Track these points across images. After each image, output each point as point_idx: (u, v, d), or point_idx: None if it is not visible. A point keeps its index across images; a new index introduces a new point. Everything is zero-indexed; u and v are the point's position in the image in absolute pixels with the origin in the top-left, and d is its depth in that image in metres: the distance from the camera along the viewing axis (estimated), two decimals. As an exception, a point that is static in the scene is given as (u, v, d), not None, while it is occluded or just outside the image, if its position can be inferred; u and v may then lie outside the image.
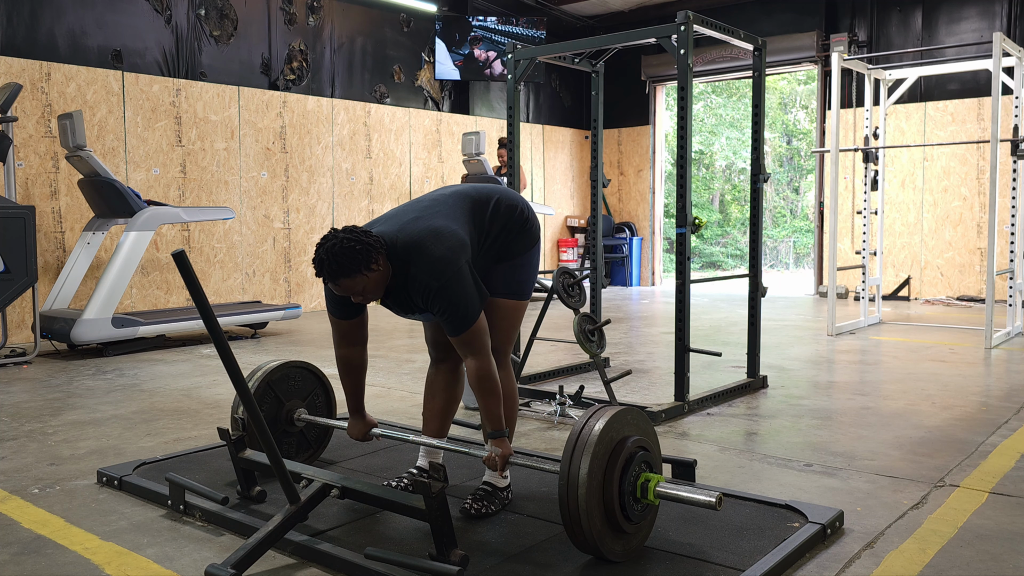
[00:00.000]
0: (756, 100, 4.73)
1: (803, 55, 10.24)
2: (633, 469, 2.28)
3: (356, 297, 2.46)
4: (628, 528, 2.28)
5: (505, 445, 2.55)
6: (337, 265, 2.37)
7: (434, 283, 2.43)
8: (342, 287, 2.42)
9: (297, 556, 2.40)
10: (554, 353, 6.01)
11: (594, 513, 2.20)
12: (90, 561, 2.39)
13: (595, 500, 2.20)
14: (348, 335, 2.71)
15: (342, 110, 9.10)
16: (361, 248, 2.38)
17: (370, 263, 2.40)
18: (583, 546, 2.25)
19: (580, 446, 2.22)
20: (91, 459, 3.40)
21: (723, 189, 22.72)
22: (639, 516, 2.32)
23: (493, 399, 2.52)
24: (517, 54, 4.85)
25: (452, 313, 2.46)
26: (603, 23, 11.87)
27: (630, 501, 2.27)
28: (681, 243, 4.24)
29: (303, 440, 3.20)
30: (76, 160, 6.09)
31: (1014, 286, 6.84)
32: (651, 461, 2.36)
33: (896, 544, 2.48)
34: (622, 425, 2.30)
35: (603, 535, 2.23)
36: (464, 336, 2.49)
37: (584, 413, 2.32)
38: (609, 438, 2.25)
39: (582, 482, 2.18)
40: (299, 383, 3.16)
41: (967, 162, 9.38)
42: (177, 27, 7.81)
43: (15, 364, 5.63)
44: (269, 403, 3.06)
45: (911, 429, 3.84)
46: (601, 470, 2.22)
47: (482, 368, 2.50)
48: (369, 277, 2.41)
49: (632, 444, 2.29)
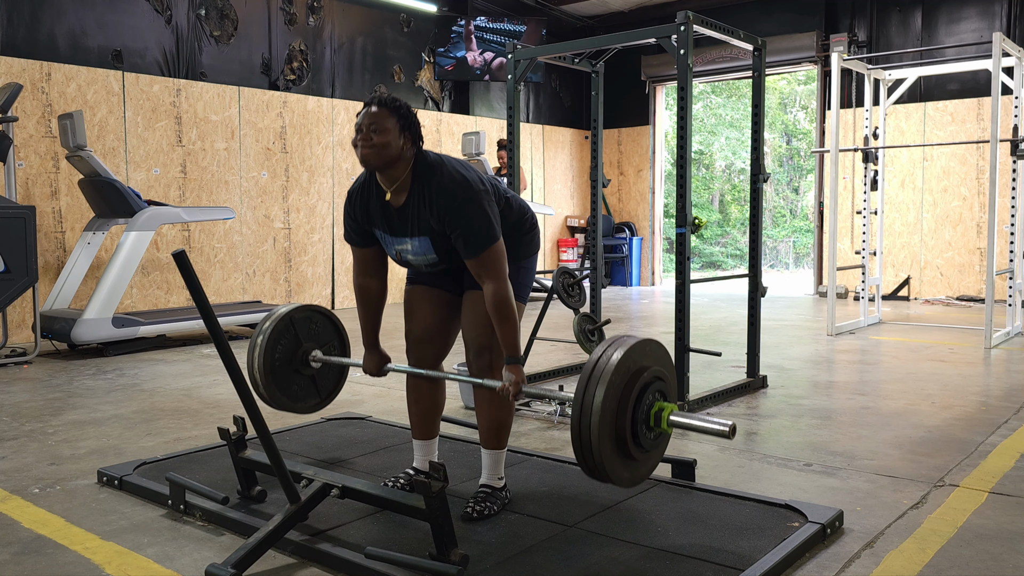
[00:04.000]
0: (756, 100, 4.73)
1: (803, 55, 10.24)
2: (647, 397, 2.26)
3: (367, 134, 2.47)
4: (638, 456, 2.27)
5: (519, 372, 2.51)
6: (391, 100, 2.52)
7: (458, 194, 2.47)
8: (375, 116, 2.48)
9: (297, 556, 2.40)
10: (554, 353, 6.01)
11: (605, 441, 2.18)
12: (90, 561, 2.39)
13: (608, 428, 2.19)
14: (367, 264, 2.76)
15: (342, 110, 9.10)
16: (414, 118, 2.54)
17: (407, 128, 2.50)
18: (592, 472, 2.24)
19: (596, 375, 2.20)
20: (91, 459, 3.40)
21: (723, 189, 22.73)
22: (651, 444, 2.31)
23: (509, 325, 2.51)
24: (517, 54, 4.85)
25: (472, 229, 2.46)
26: (603, 23, 11.87)
27: (643, 429, 2.26)
28: (681, 243, 4.24)
29: (312, 386, 3.16)
30: (76, 160, 6.09)
31: (1014, 286, 6.84)
32: (666, 391, 2.34)
33: (896, 544, 2.48)
34: (641, 356, 2.28)
35: (613, 462, 2.22)
36: (483, 256, 2.49)
37: (604, 342, 2.29)
38: (626, 368, 2.23)
39: (595, 410, 2.16)
40: (319, 329, 3.14)
41: (967, 162, 9.38)
42: (177, 27, 7.81)
43: (15, 364, 5.64)
44: (288, 340, 3.03)
45: (911, 429, 3.84)
46: (616, 399, 2.20)
47: (499, 292, 2.49)
48: (395, 134, 2.47)
49: (649, 374, 2.27)
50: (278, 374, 3.03)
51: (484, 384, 2.59)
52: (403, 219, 2.57)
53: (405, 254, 2.64)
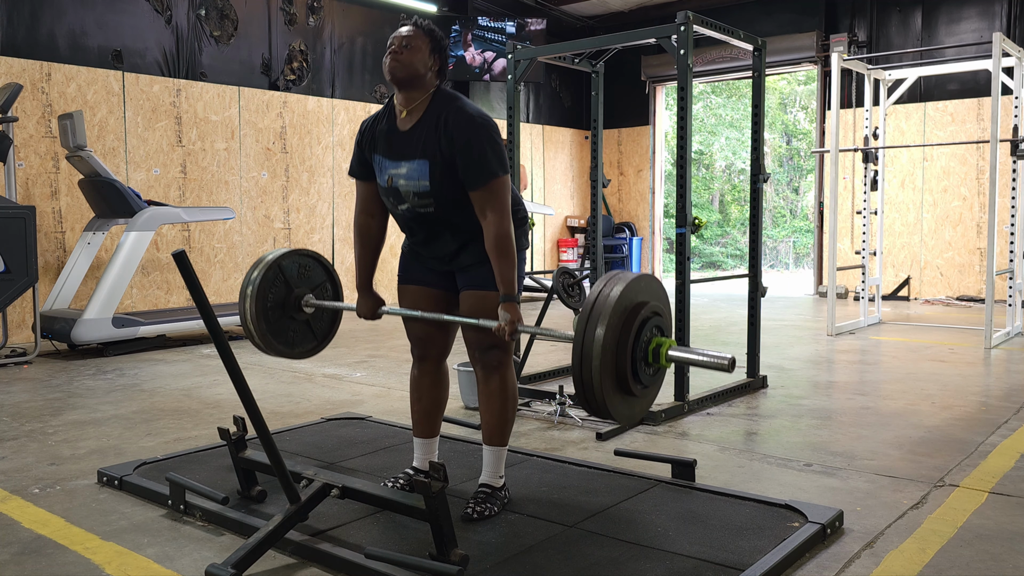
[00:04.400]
0: (756, 100, 4.73)
1: (803, 55, 10.24)
2: (646, 333, 2.26)
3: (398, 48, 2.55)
4: (637, 391, 2.28)
5: (515, 311, 2.50)
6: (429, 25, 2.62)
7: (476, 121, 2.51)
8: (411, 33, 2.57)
9: (297, 556, 2.40)
10: (554, 353, 6.01)
11: (607, 379, 2.19)
12: (90, 561, 2.39)
13: (608, 366, 2.19)
14: (368, 200, 2.77)
15: (342, 110, 9.10)
16: (446, 48, 2.64)
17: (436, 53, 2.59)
18: (594, 411, 2.25)
19: (596, 314, 2.19)
20: (91, 459, 3.40)
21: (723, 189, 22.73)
22: (649, 380, 2.31)
23: (508, 260, 2.51)
24: (517, 54, 4.85)
25: (484, 156, 2.48)
26: (603, 23, 11.87)
27: (642, 365, 2.26)
28: (681, 243, 4.24)
29: (307, 331, 3.11)
30: (76, 160, 6.09)
31: (1014, 286, 6.84)
32: (663, 326, 2.34)
33: (896, 544, 2.48)
34: (637, 292, 2.27)
35: (614, 399, 2.23)
36: (491, 186, 2.49)
37: (600, 280, 2.29)
38: (623, 306, 2.22)
39: (596, 352, 2.16)
40: (310, 273, 3.09)
41: (967, 162, 9.38)
42: (177, 27, 7.81)
43: (15, 364, 5.64)
44: (279, 287, 2.98)
45: (911, 429, 3.84)
46: (615, 337, 2.20)
47: (502, 227, 2.50)
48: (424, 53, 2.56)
49: (647, 310, 2.26)
50: (272, 322, 2.96)
51: (480, 324, 2.55)
52: (407, 142, 2.58)
53: (397, 179, 2.60)
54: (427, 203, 2.58)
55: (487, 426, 2.71)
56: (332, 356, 5.94)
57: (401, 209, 2.65)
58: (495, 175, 2.48)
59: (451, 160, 2.51)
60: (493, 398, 2.69)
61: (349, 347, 6.37)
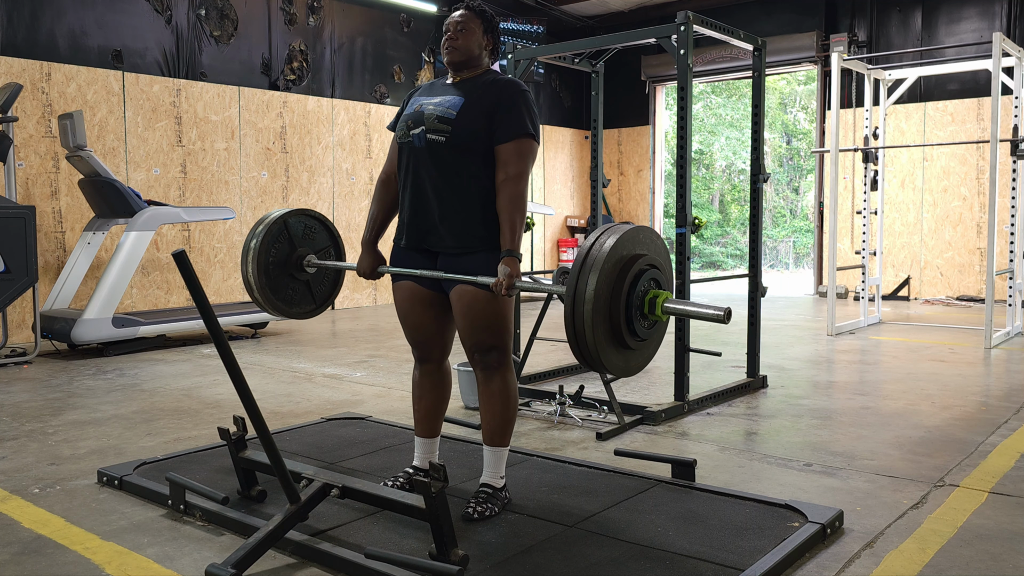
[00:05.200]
0: (756, 100, 4.73)
1: (803, 55, 10.24)
2: (641, 285, 2.24)
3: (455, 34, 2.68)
4: (632, 343, 2.25)
5: (515, 265, 2.51)
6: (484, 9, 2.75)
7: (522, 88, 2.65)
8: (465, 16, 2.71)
9: (297, 556, 2.40)
10: (554, 353, 6.01)
11: (600, 329, 2.16)
12: (90, 561, 2.39)
13: (601, 316, 2.16)
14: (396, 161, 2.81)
15: (342, 110, 9.10)
16: (497, 27, 2.76)
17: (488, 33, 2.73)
18: (587, 361, 2.23)
19: (589, 263, 2.17)
20: (91, 459, 3.40)
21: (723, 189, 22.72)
22: (645, 332, 2.28)
23: (520, 216, 2.56)
24: (517, 54, 4.85)
25: (520, 112, 2.60)
26: (603, 23, 11.87)
27: (637, 316, 2.24)
28: (681, 243, 4.25)
29: (307, 291, 3.10)
30: (76, 160, 6.09)
31: (1014, 286, 6.84)
32: (660, 280, 2.31)
33: (896, 544, 2.48)
34: (634, 244, 2.25)
35: (606, 350, 2.20)
36: (519, 142, 2.58)
37: (596, 230, 2.27)
38: (619, 256, 2.20)
39: (588, 298, 2.13)
40: (314, 235, 3.08)
41: (967, 162, 9.38)
42: (177, 27, 7.81)
43: (15, 364, 5.64)
44: (282, 244, 2.97)
45: (911, 429, 3.84)
46: (609, 286, 2.18)
47: (519, 187, 2.57)
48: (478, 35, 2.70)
49: (643, 262, 2.24)
50: (272, 277, 2.95)
51: (478, 282, 2.54)
52: (450, 89, 2.71)
53: (425, 106, 2.67)
54: (443, 130, 2.61)
55: (488, 427, 2.71)
56: (332, 356, 5.94)
57: (413, 133, 2.66)
58: (527, 132, 2.59)
59: (487, 111, 2.60)
60: (494, 399, 2.69)
61: (349, 347, 6.37)
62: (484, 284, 2.53)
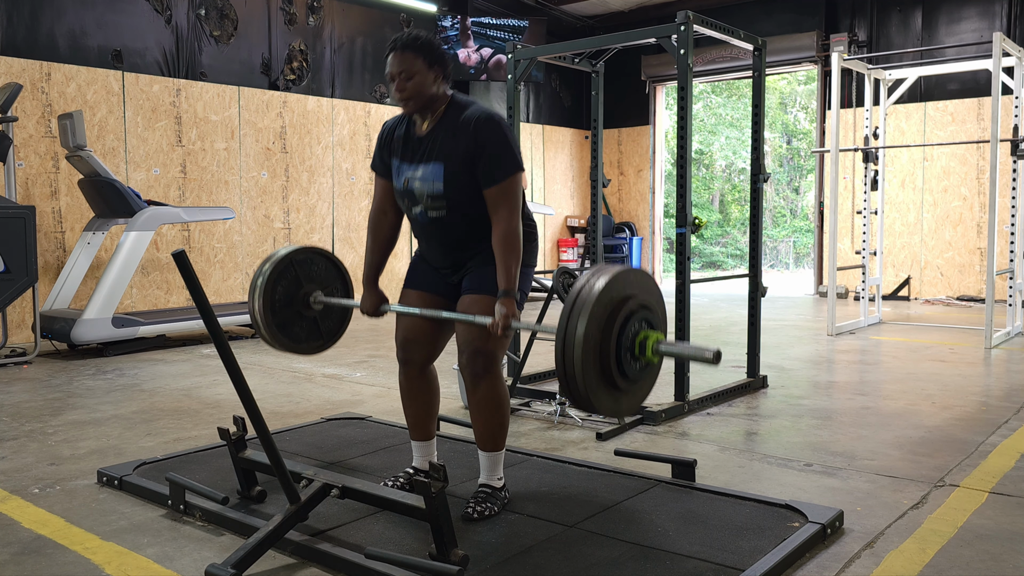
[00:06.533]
0: (756, 100, 4.73)
1: (803, 55, 10.24)
2: (632, 326, 2.23)
3: (400, 83, 2.53)
4: (623, 385, 2.24)
5: (511, 306, 2.51)
6: (418, 39, 2.53)
7: (493, 120, 2.55)
8: (403, 59, 2.52)
9: (297, 556, 2.40)
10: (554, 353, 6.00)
11: (590, 371, 2.15)
12: (90, 561, 2.39)
13: (591, 358, 2.15)
14: (386, 197, 2.80)
15: (342, 110, 9.10)
16: (439, 49, 2.56)
17: (436, 63, 2.55)
18: (577, 402, 2.22)
19: (579, 305, 2.16)
20: (91, 459, 3.40)
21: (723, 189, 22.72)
22: (636, 374, 2.27)
23: (513, 256, 2.54)
24: (517, 54, 4.85)
25: (502, 152, 2.53)
26: (603, 23, 11.87)
27: (628, 358, 2.22)
28: (681, 243, 4.24)
29: (315, 328, 3.10)
30: (76, 160, 6.09)
31: (1014, 286, 6.84)
32: (653, 320, 2.30)
33: (896, 544, 2.48)
34: (624, 285, 2.24)
35: (598, 392, 2.19)
36: (505, 184, 2.54)
37: (586, 272, 2.26)
38: (609, 297, 2.19)
39: (578, 342, 2.13)
40: (321, 271, 3.08)
41: (967, 162, 9.38)
42: (177, 27, 7.81)
43: (15, 364, 5.63)
44: (288, 280, 2.98)
45: (911, 429, 3.84)
46: (598, 328, 2.17)
47: (511, 223, 2.55)
48: (426, 73, 2.53)
49: (633, 303, 2.23)
50: (279, 315, 2.96)
51: (475, 321, 2.55)
52: (424, 145, 2.63)
53: (412, 182, 2.66)
54: (440, 206, 2.62)
55: (479, 433, 2.69)
56: (332, 356, 5.94)
57: (415, 212, 2.69)
58: (511, 172, 2.54)
59: (467, 161, 2.55)
60: (481, 407, 2.66)
61: (349, 347, 6.37)
62: (481, 324, 2.55)
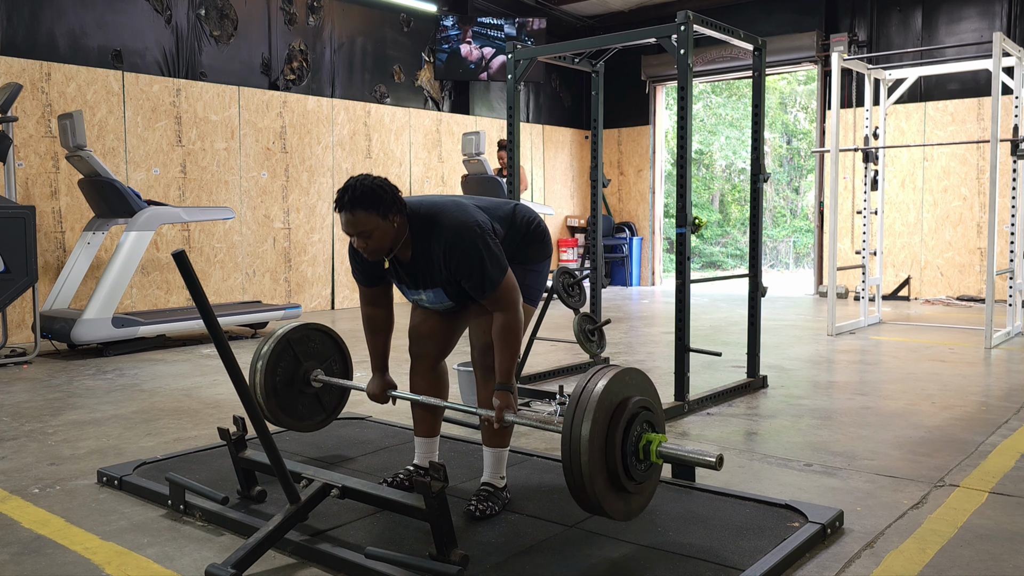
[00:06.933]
0: (756, 100, 4.73)
1: (803, 55, 10.24)
2: (635, 429, 2.27)
3: (360, 241, 2.47)
4: (631, 488, 2.28)
5: (507, 399, 2.55)
6: (361, 196, 2.41)
7: (459, 242, 2.48)
8: (355, 220, 2.43)
9: (297, 556, 2.40)
10: (554, 353, 6.01)
11: (597, 475, 2.19)
12: (90, 561, 2.39)
13: (598, 462, 2.19)
14: (373, 299, 2.81)
15: (342, 110, 9.10)
16: (388, 194, 2.45)
17: (389, 211, 2.45)
18: (587, 507, 2.25)
19: (581, 409, 2.21)
20: (91, 459, 3.40)
21: (723, 189, 22.72)
22: (643, 476, 2.31)
23: (510, 352, 2.56)
24: (517, 54, 4.85)
25: (480, 272, 2.50)
26: (603, 23, 11.87)
27: (633, 461, 2.27)
28: (681, 243, 4.24)
29: (317, 403, 3.19)
30: (76, 160, 6.09)
31: (1014, 286, 6.84)
32: (653, 421, 2.34)
33: (896, 544, 2.48)
34: (622, 386, 2.28)
35: (606, 496, 2.22)
36: (495, 295, 2.54)
37: (584, 375, 2.30)
38: (609, 401, 2.24)
39: (584, 447, 2.17)
40: (318, 346, 3.16)
41: (967, 162, 9.38)
42: (177, 27, 7.81)
43: (15, 364, 5.63)
44: (287, 361, 3.05)
45: (911, 429, 3.84)
46: (603, 433, 2.21)
47: (509, 322, 2.55)
48: (382, 224, 2.45)
49: (634, 405, 2.28)
50: (281, 396, 3.05)
51: (479, 414, 2.63)
52: (413, 274, 2.64)
53: (422, 303, 2.75)
54: (451, 306, 2.73)
55: (487, 428, 2.72)
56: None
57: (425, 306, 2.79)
58: (496, 285, 2.53)
59: (454, 278, 2.57)
60: (487, 400, 2.70)
61: (349, 347, 6.36)
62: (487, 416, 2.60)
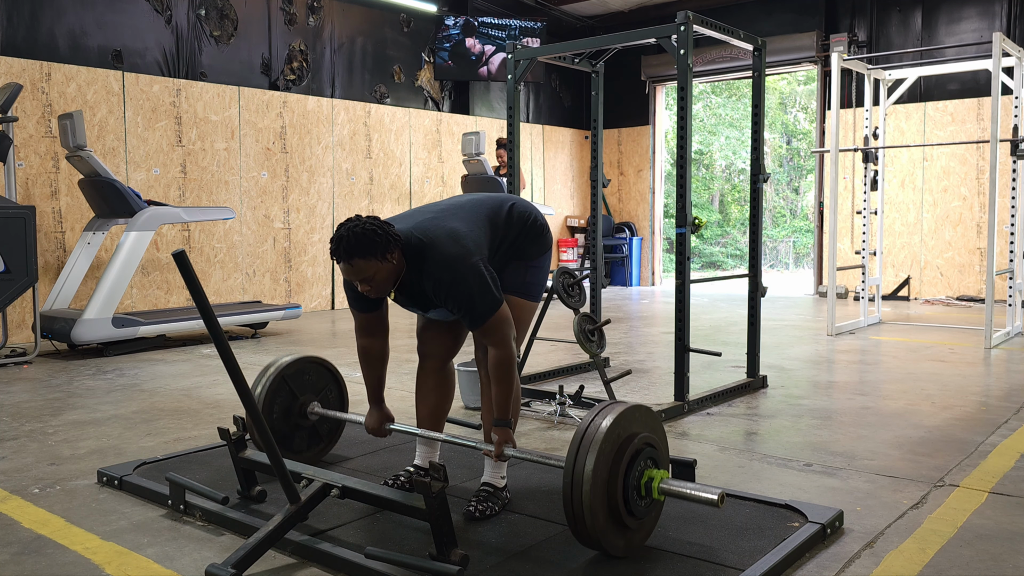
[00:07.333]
0: (756, 100, 4.73)
1: (803, 55, 10.24)
2: (638, 465, 2.28)
3: (363, 286, 2.48)
4: (631, 524, 2.29)
5: (505, 434, 2.59)
6: (355, 245, 2.41)
7: (446, 276, 2.48)
8: (354, 269, 2.44)
9: (297, 556, 2.40)
10: (554, 353, 6.01)
11: (598, 509, 2.20)
12: (90, 561, 2.39)
13: (599, 496, 2.21)
14: (367, 327, 2.78)
15: (342, 110, 9.10)
16: (382, 236, 2.44)
17: (386, 252, 2.45)
18: (586, 541, 2.25)
19: (586, 443, 2.22)
20: (91, 459, 3.40)
21: (723, 189, 22.72)
22: (643, 512, 2.32)
23: (505, 387, 2.57)
24: (517, 54, 4.85)
25: (469, 306, 2.50)
26: (603, 23, 11.87)
27: (634, 497, 2.28)
28: (681, 243, 4.24)
29: (315, 434, 3.22)
30: (76, 160, 6.09)
31: (1014, 286, 6.84)
32: (657, 458, 2.36)
33: (896, 544, 2.48)
34: (630, 422, 2.30)
35: (606, 530, 2.23)
36: (486, 327, 2.54)
37: (592, 409, 2.32)
38: (616, 435, 2.25)
39: (587, 479, 2.18)
40: (313, 378, 3.18)
41: (967, 162, 9.38)
42: (177, 27, 7.81)
43: (15, 364, 5.63)
44: (283, 396, 3.07)
45: (911, 429, 3.84)
46: (606, 467, 2.23)
47: (501, 357, 2.55)
48: (382, 266, 2.46)
49: (639, 441, 2.29)
50: (278, 432, 3.06)
51: (479, 448, 2.65)
52: (413, 298, 2.66)
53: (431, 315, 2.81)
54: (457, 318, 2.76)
55: (486, 427, 2.73)
56: (332, 356, 5.93)
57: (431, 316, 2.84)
58: (487, 316, 2.52)
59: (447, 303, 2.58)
60: (491, 400, 2.71)
61: (349, 347, 6.37)
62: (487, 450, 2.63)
